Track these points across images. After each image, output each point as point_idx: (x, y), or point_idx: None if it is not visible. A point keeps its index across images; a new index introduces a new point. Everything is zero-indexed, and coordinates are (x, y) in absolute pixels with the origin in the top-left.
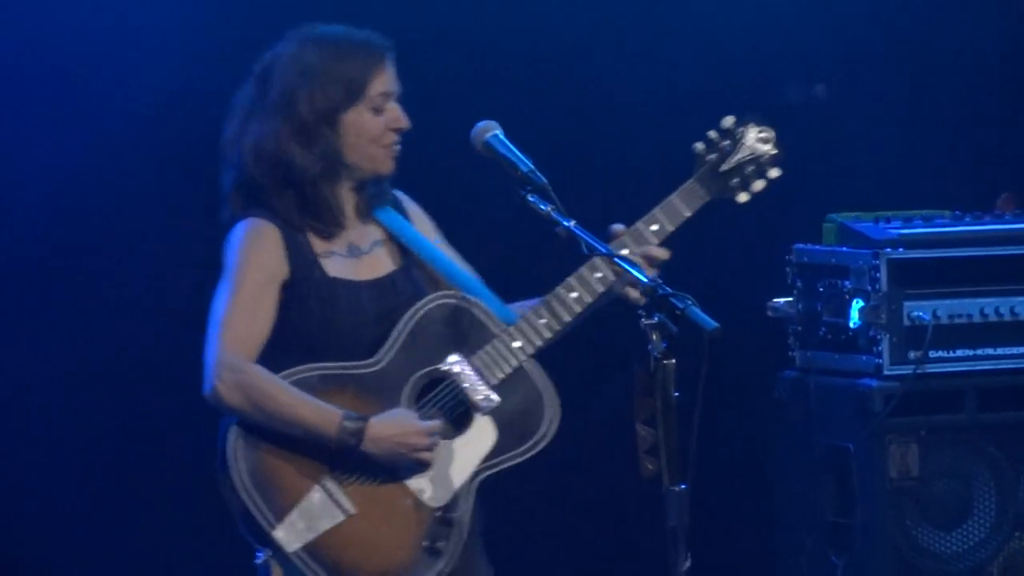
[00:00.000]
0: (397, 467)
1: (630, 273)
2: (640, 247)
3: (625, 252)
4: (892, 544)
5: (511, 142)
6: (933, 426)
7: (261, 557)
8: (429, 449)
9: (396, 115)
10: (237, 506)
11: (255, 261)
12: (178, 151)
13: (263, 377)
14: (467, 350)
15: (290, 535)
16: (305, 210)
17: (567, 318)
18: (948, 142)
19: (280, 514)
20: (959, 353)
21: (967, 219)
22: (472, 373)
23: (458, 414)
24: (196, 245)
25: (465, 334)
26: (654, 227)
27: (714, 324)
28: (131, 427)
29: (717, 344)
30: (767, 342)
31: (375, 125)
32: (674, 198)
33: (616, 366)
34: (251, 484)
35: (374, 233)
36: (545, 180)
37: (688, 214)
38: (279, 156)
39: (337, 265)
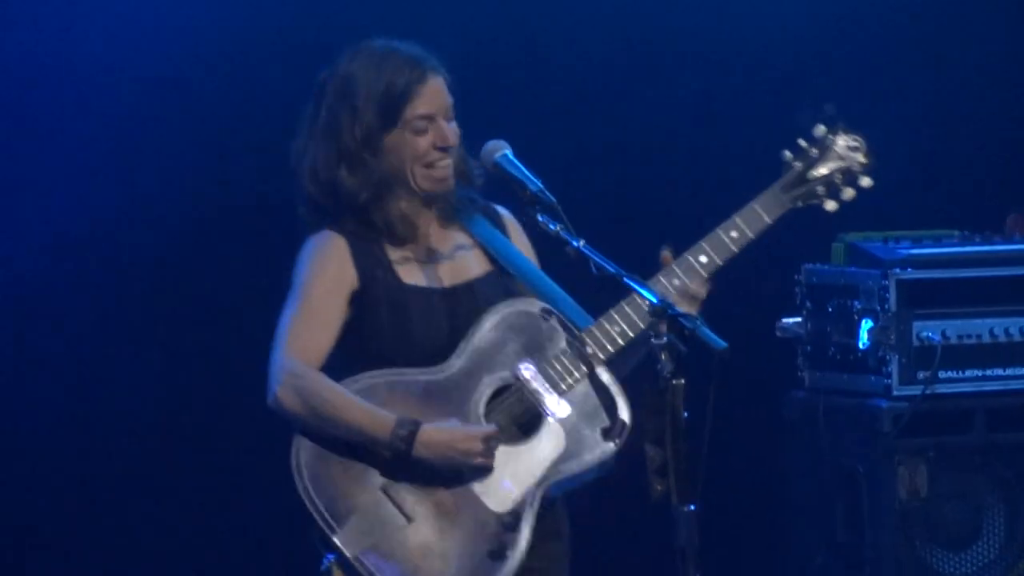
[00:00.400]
0: (459, 473)
1: (639, 293)
2: (719, 255)
3: (704, 260)
4: (901, 565)
5: (520, 161)
6: (942, 447)
7: (326, 563)
8: (484, 455)
9: (441, 134)
10: (303, 512)
11: (320, 272)
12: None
13: (320, 382)
14: (539, 356)
15: (351, 540)
16: (369, 227)
17: (641, 325)
18: (957, 162)
19: (341, 519)
20: (968, 374)
21: (976, 239)
22: (543, 379)
23: (527, 420)
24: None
25: (538, 341)
26: (734, 233)
27: (723, 344)
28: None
29: (726, 364)
30: (776, 362)
31: (417, 146)
32: (755, 205)
33: (627, 386)
34: (313, 490)
35: (459, 239)
36: (554, 199)
37: (769, 221)
38: (330, 181)
39: (412, 271)
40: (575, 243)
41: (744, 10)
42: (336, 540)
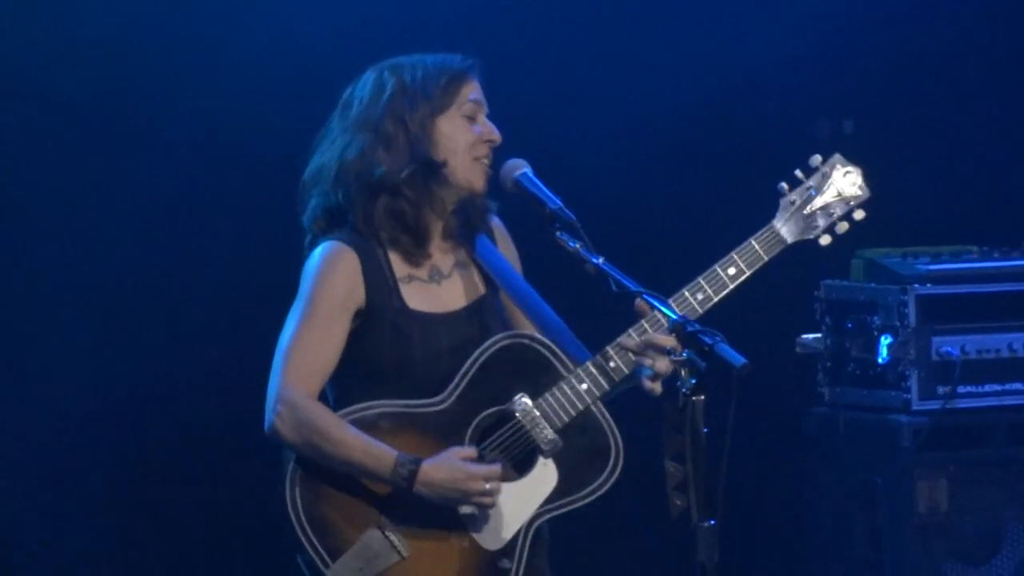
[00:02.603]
0: (454, 510)
1: (659, 309)
2: (715, 291)
3: (700, 296)
4: None
5: (539, 179)
6: (962, 461)
7: None
8: (484, 494)
9: (489, 128)
10: (295, 542)
11: (328, 288)
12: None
13: (320, 416)
14: (534, 391)
15: (343, 575)
16: (394, 220)
17: (636, 363)
18: (976, 178)
19: (334, 554)
20: (987, 388)
21: (995, 255)
22: (538, 415)
23: (521, 456)
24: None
25: (533, 374)
26: (731, 270)
27: (743, 360)
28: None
29: (746, 380)
30: (796, 378)
31: (469, 133)
32: (753, 241)
33: (646, 402)
34: (307, 522)
35: (459, 255)
36: (574, 217)
37: (767, 258)
38: (364, 165)
39: (416, 293)
40: (595, 260)
41: (759, 27)
42: (328, 574)
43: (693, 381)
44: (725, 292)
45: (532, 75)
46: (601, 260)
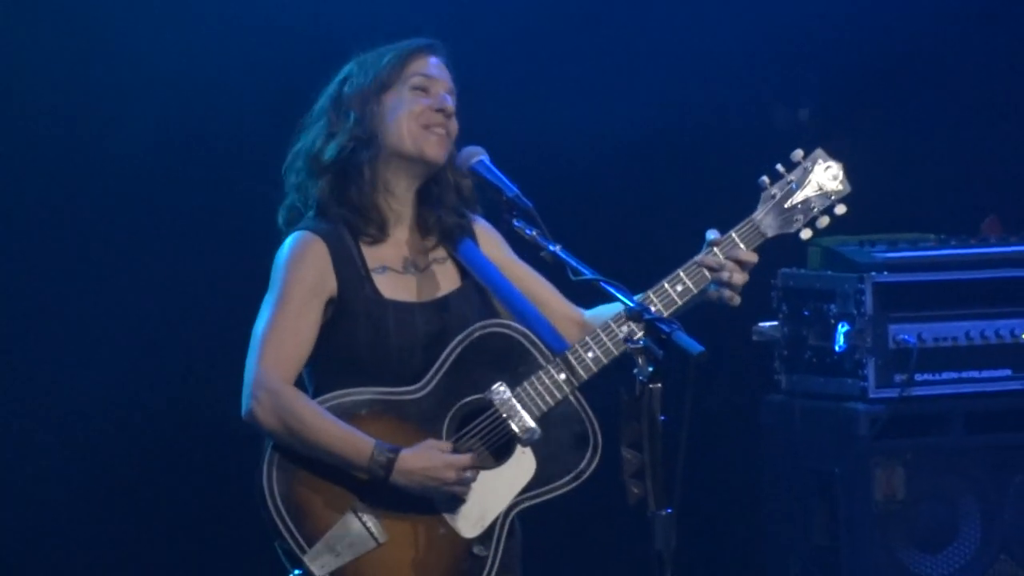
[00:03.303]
0: (431, 497)
1: (616, 296)
2: (696, 284)
3: (680, 288)
4: (878, 567)
5: (496, 167)
6: (919, 449)
7: None
8: (461, 484)
9: (440, 97)
10: (272, 528)
11: (299, 276)
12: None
13: (298, 402)
14: (513, 380)
15: (320, 561)
16: (345, 202)
17: (615, 352)
18: (933, 167)
19: (311, 539)
20: (944, 376)
21: (952, 243)
22: (516, 404)
23: (499, 444)
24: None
25: (512, 364)
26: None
27: (700, 348)
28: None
29: (703, 368)
30: (752, 366)
31: (414, 102)
32: (733, 234)
33: (602, 390)
34: (284, 508)
35: (435, 251)
36: (531, 204)
37: (744, 250)
38: (314, 149)
39: (389, 283)
40: (552, 248)
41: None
42: (305, 560)
43: (650, 369)
44: (704, 284)
45: (501, 69)
46: (558, 247)
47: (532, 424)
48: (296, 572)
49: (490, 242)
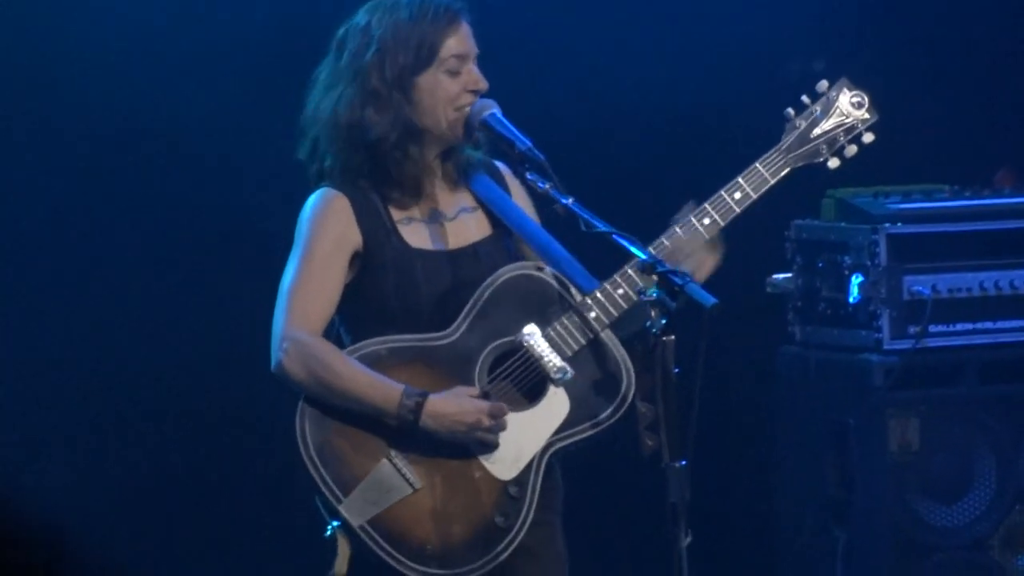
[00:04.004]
0: (464, 441)
1: (628, 249)
2: (722, 216)
3: (707, 221)
4: (893, 518)
5: (509, 121)
6: (933, 400)
7: (331, 529)
8: (491, 430)
9: (474, 77)
10: (308, 480)
11: (323, 231)
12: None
13: (326, 351)
14: (543, 321)
15: (355, 509)
16: (380, 177)
17: (644, 287)
18: (947, 117)
19: (346, 489)
20: (959, 327)
21: (966, 194)
22: (547, 344)
23: (532, 385)
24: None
25: (542, 305)
26: (737, 195)
27: (713, 300)
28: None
29: (716, 320)
30: (766, 318)
31: (450, 87)
32: (758, 165)
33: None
34: (318, 459)
35: (463, 200)
36: (543, 157)
37: (773, 181)
38: (353, 123)
39: (416, 233)
40: (564, 201)
41: None
42: (342, 509)
43: (663, 321)
44: (732, 217)
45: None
46: (571, 200)
47: (563, 363)
48: (334, 523)
49: (521, 196)
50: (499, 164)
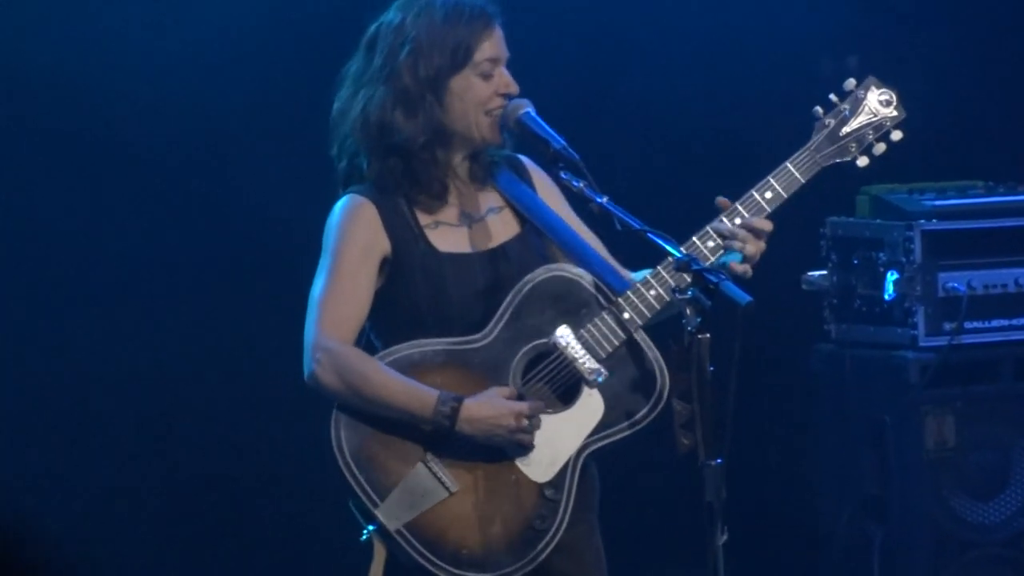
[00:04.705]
0: (499, 445)
1: (663, 248)
2: (754, 214)
3: (738, 221)
4: (929, 515)
5: (542, 119)
6: (969, 396)
7: (367, 534)
8: (526, 431)
9: (505, 80)
10: (343, 486)
11: (351, 239)
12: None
13: (359, 359)
14: (576, 322)
15: (392, 514)
16: (409, 180)
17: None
18: (981, 113)
19: (383, 493)
20: (994, 323)
21: (1000, 190)
22: (580, 346)
23: (567, 388)
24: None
25: (574, 306)
26: (768, 194)
27: (748, 298)
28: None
29: (751, 318)
30: (802, 315)
31: (482, 90)
32: (789, 164)
33: (653, 341)
34: (355, 464)
35: (490, 199)
36: (578, 157)
37: (804, 180)
38: (384, 125)
39: (444, 236)
40: (599, 199)
41: None
42: (378, 514)
43: (698, 319)
44: (763, 215)
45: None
46: (605, 199)
47: (597, 365)
48: (369, 527)
49: (546, 188)
50: (522, 158)
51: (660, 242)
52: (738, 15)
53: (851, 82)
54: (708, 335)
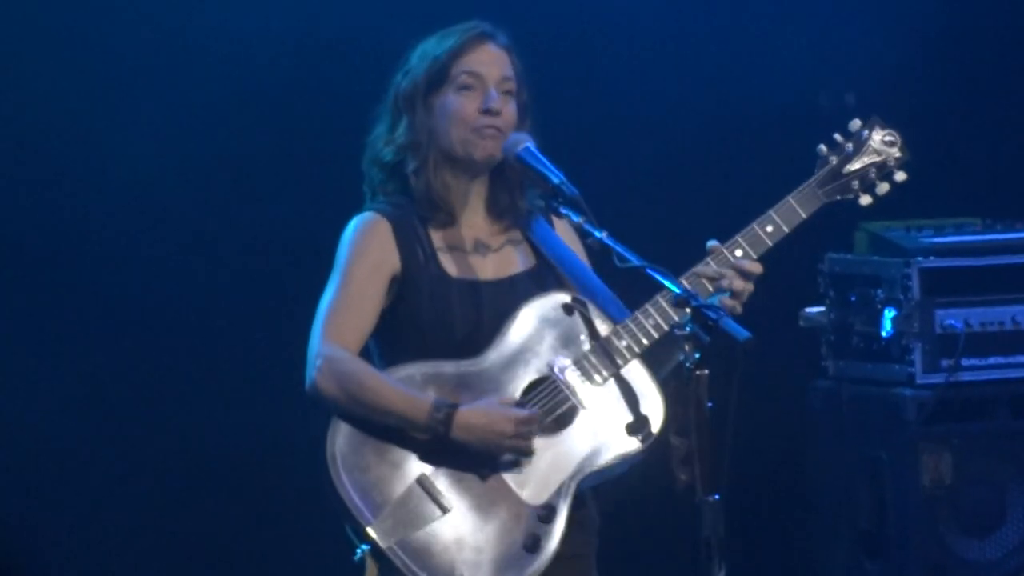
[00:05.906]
0: (495, 462)
1: (662, 283)
2: (754, 249)
3: (739, 253)
4: (925, 552)
5: (542, 154)
6: (966, 434)
7: (360, 553)
8: (522, 437)
9: (486, 98)
10: (336, 503)
11: (362, 254)
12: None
13: (357, 366)
14: (574, 350)
15: (385, 531)
16: (417, 201)
17: (675, 318)
18: (978, 150)
19: (376, 511)
20: (991, 361)
21: (998, 227)
22: (577, 373)
23: (562, 413)
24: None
25: (573, 333)
26: (769, 228)
27: (746, 334)
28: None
29: (750, 354)
30: (800, 352)
31: (463, 105)
32: (791, 199)
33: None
34: (348, 480)
35: (510, 233)
36: (576, 191)
37: (804, 216)
38: (384, 144)
39: (455, 261)
40: (597, 234)
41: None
42: (370, 531)
43: (697, 355)
44: (764, 250)
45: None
46: (604, 234)
47: (594, 392)
48: (363, 547)
49: (563, 226)
50: None
51: (659, 277)
52: (743, 39)
53: (856, 122)
54: (706, 371)
